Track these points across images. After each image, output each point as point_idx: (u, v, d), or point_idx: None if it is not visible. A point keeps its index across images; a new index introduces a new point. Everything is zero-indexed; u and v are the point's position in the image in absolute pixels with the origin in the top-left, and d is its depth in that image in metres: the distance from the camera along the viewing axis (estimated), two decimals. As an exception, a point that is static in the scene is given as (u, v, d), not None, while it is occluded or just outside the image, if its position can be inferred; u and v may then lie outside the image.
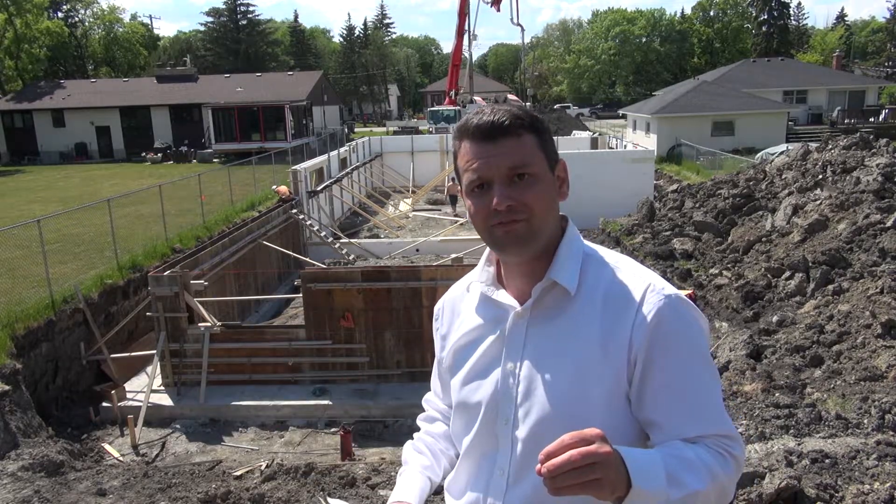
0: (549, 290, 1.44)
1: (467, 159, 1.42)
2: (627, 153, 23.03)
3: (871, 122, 36.94)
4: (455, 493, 1.58)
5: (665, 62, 72.75)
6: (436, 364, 1.75)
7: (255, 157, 25.29)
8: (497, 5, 40.34)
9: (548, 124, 1.49)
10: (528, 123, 1.42)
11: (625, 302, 1.39)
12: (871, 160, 12.19)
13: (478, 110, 1.45)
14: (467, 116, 1.46)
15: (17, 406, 8.98)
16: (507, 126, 1.39)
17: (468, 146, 1.42)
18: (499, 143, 1.39)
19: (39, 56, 52.32)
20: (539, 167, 1.41)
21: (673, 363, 1.35)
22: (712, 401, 1.37)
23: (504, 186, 1.38)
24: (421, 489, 1.61)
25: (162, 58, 70.60)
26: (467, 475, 1.54)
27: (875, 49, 74.36)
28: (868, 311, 8.13)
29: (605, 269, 1.45)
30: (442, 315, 1.68)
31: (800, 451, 5.05)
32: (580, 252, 1.47)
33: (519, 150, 1.39)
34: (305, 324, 11.18)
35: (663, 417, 1.36)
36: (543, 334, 1.44)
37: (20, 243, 13.33)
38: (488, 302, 1.54)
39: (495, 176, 1.39)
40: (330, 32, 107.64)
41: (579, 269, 1.44)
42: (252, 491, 6.90)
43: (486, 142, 1.40)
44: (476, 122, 1.41)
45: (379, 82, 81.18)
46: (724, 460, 1.32)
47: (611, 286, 1.42)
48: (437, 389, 1.79)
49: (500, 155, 1.38)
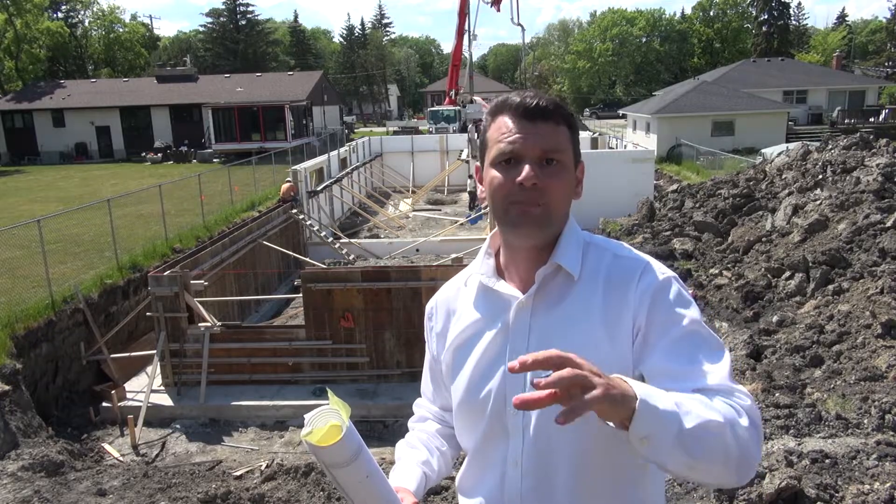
0: (552, 275, 1.45)
1: (503, 132, 1.44)
2: (627, 153, 23.01)
3: (871, 122, 36.93)
4: (468, 491, 1.57)
5: (665, 62, 72.75)
6: (427, 364, 1.74)
7: (255, 157, 25.30)
8: (497, 5, 40.32)
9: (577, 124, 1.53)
10: (567, 116, 1.46)
11: (625, 284, 1.41)
12: (871, 160, 12.19)
13: (519, 92, 1.48)
14: (508, 95, 1.49)
15: (17, 406, 8.98)
16: (550, 111, 1.43)
17: (506, 120, 1.45)
18: (538, 124, 1.42)
19: (39, 56, 52.39)
20: (567, 158, 1.45)
21: (674, 324, 1.35)
22: (717, 358, 1.33)
23: (534, 165, 1.40)
24: (417, 479, 1.58)
25: (162, 58, 70.64)
26: (480, 471, 1.53)
27: (875, 49, 74.35)
28: (868, 311, 8.13)
29: (605, 255, 1.47)
30: (436, 313, 1.67)
31: (800, 451, 5.05)
32: (581, 239, 1.50)
33: (554, 137, 1.43)
34: (305, 324, 11.18)
35: (664, 377, 1.30)
36: (548, 321, 1.44)
37: (20, 243, 13.34)
38: (489, 294, 1.53)
39: (528, 153, 1.41)
40: (330, 33, 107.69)
41: (580, 254, 1.46)
42: (252, 491, 6.90)
43: (526, 120, 1.43)
44: (519, 100, 1.44)
45: (379, 82, 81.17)
46: (737, 413, 1.23)
47: (611, 270, 1.44)
48: (428, 393, 1.77)
49: (537, 135, 1.41)
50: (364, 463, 1.28)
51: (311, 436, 1.23)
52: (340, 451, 1.24)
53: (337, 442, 1.22)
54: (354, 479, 1.28)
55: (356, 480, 1.28)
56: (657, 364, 1.33)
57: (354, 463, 1.26)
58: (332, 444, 1.22)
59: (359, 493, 1.29)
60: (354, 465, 1.26)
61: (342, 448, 1.23)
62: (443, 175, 29.66)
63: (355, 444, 1.26)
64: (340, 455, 1.24)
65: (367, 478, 1.28)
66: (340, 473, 1.27)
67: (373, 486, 1.30)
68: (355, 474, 1.27)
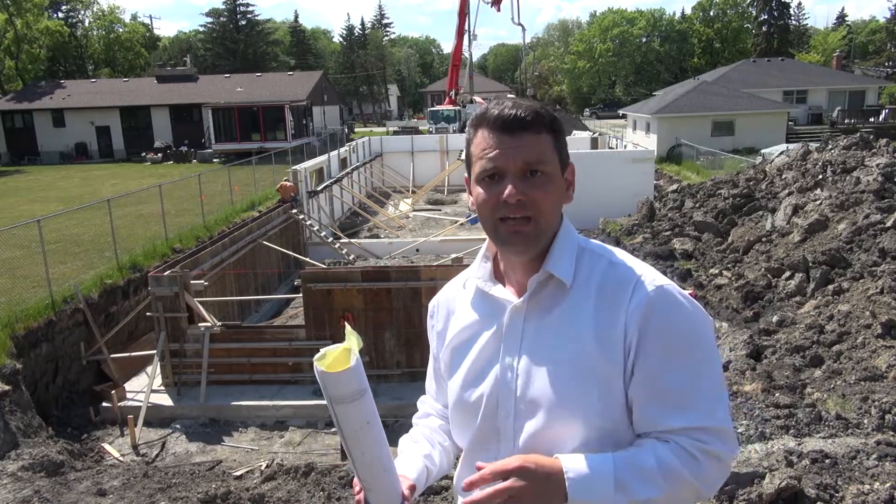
0: (545, 282, 1.45)
1: (483, 147, 1.42)
2: (627, 153, 23.02)
3: (871, 122, 36.93)
4: (462, 490, 1.58)
5: (665, 62, 72.75)
6: (431, 362, 1.75)
7: (255, 157, 25.30)
8: (497, 5, 40.33)
9: (563, 126, 1.50)
10: (549, 122, 1.43)
11: (618, 293, 1.40)
12: (871, 160, 12.19)
13: (498, 101, 1.45)
14: (487, 106, 1.46)
15: (17, 406, 8.98)
16: (528, 122, 1.40)
17: (486, 135, 1.42)
18: (517, 136, 1.39)
19: (39, 56, 52.35)
20: (552, 167, 1.42)
21: (659, 353, 1.35)
22: (698, 391, 1.35)
23: (517, 180, 1.39)
24: (419, 470, 1.58)
25: (162, 58, 70.63)
26: (472, 471, 1.54)
27: (875, 49, 74.32)
28: (868, 311, 8.13)
29: (599, 261, 1.46)
30: (437, 312, 1.68)
31: (800, 451, 5.04)
32: (575, 245, 1.48)
33: (536, 147, 1.40)
34: (305, 324, 11.18)
35: (642, 408, 1.37)
36: (540, 327, 1.44)
37: (20, 243, 13.34)
38: (485, 297, 1.54)
39: (510, 168, 1.39)
40: (330, 33, 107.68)
41: (574, 261, 1.45)
42: (252, 491, 6.90)
43: (505, 133, 1.40)
44: (497, 112, 1.41)
45: (379, 82, 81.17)
46: (695, 463, 1.31)
47: (605, 278, 1.43)
48: (432, 391, 1.79)
49: (517, 148, 1.39)
50: (367, 405, 1.30)
51: (323, 360, 1.26)
52: (348, 381, 1.25)
53: (346, 370, 1.24)
54: (356, 422, 1.29)
55: (357, 425, 1.29)
56: (634, 390, 1.38)
57: (359, 401, 1.27)
58: (340, 370, 1.24)
59: (357, 441, 1.30)
60: (358, 403, 1.27)
61: (350, 377, 1.25)
62: (443, 175, 29.67)
63: (362, 380, 1.28)
64: (347, 385, 1.26)
65: (367, 424, 1.30)
66: (343, 412, 1.27)
67: (372, 437, 1.31)
68: (357, 415, 1.28)
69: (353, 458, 1.33)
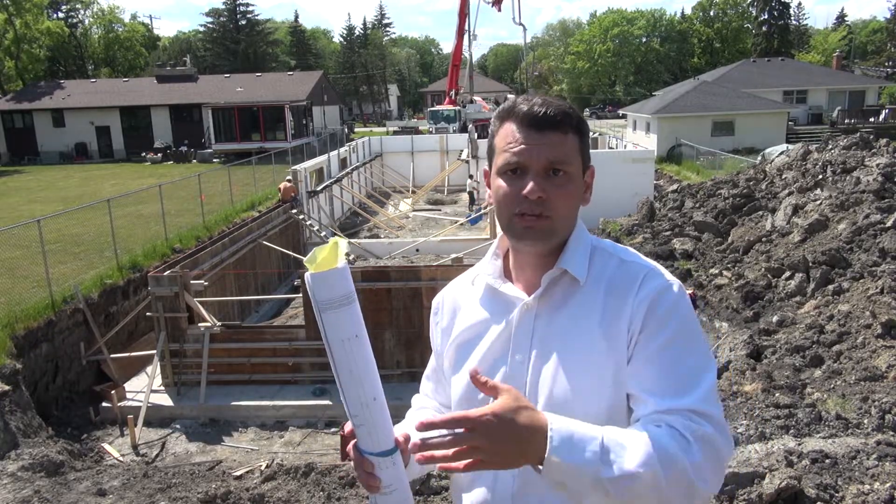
0: (557, 279, 1.46)
1: (508, 141, 1.42)
2: (627, 153, 23.02)
3: (871, 122, 36.91)
4: (463, 488, 1.57)
5: (665, 62, 72.77)
6: (432, 360, 1.74)
7: (255, 157, 25.30)
8: (498, 5, 40.35)
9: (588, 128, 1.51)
10: (576, 123, 1.43)
11: (625, 290, 1.41)
12: (871, 160, 12.19)
13: (527, 97, 1.45)
14: (516, 100, 1.46)
15: (17, 406, 8.98)
16: (557, 121, 1.40)
17: (512, 129, 1.43)
18: (545, 134, 1.40)
19: (39, 56, 52.37)
20: (574, 168, 1.43)
21: (659, 336, 1.35)
22: (692, 375, 1.34)
23: (539, 177, 1.39)
24: None
25: (162, 58, 70.54)
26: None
27: (875, 49, 74.35)
28: (868, 311, 8.13)
29: (610, 260, 1.47)
30: (442, 309, 1.67)
31: (800, 451, 5.04)
32: (588, 244, 1.49)
33: (562, 147, 1.41)
34: (305, 324, 11.18)
35: (637, 386, 1.35)
36: (550, 325, 1.45)
37: (20, 243, 13.34)
38: (494, 295, 1.54)
39: (534, 165, 1.39)
40: (331, 33, 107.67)
41: (587, 259, 1.46)
42: (252, 491, 6.90)
43: (532, 129, 1.40)
44: (526, 108, 1.42)
45: (379, 82, 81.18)
46: (687, 445, 1.25)
47: (614, 275, 1.44)
48: (428, 389, 1.78)
49: (543, 146, 1.39)
50: (356, 315, 1.26)
51: (312, 263, 1.23)
52: (337, 281, 1.22)
53: (334, 269, 1.22)
54: (344, 331, 1.25)
55: (346, 335, 1.25)
56: (632, 373, 1.36)
57: (348, 307, 1.24)
58: (328, 269, 1.21)
59: (346, 356, 1.26)
60: (347, 309, 1.24)
61: (338, 277, 1.22)
62: (443, 175, 29.67)
63: (351, 284, 1.24)
64: (336, 287, 1.22)
65: (356, 337, 1.26)
66: (332, 319, 1.24)
67: (360, 352, 1.27)
68: (346, 325, 1.25)
69: (341, 382, 1.28)
